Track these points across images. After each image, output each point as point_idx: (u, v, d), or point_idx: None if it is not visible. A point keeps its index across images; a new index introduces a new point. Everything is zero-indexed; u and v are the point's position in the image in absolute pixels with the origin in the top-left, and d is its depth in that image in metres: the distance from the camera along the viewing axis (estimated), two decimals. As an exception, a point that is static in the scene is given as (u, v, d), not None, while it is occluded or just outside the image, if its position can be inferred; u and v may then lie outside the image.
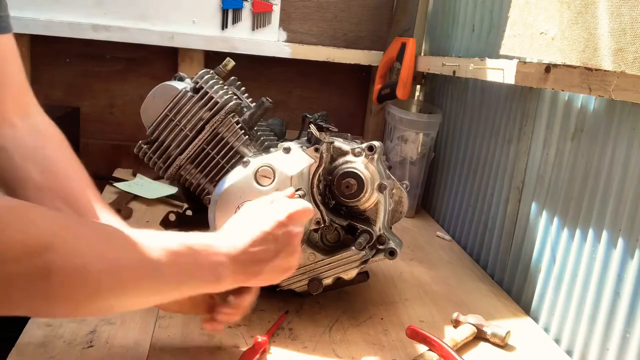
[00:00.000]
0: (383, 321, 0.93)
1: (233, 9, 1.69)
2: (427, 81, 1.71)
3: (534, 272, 1.04)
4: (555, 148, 1.01)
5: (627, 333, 0.79)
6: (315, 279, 0.88)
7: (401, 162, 1.49)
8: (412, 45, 1.56)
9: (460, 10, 1.45)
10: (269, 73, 1.80)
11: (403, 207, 0.99)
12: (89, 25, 1.58)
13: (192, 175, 0.93)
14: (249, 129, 0.94)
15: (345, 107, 1.88)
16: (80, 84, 1.70)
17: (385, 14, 1.79)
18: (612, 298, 0.82)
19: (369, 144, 0.88)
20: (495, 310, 1.01)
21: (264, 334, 0.82)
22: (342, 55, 1.75)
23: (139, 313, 0.86)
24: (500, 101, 1.22)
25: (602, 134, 0.88)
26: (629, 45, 0.74)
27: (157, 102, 0.93)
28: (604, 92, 0.78)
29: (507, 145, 1.18)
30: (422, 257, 1.24)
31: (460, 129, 1.43)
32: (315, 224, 0.87)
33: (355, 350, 0.83)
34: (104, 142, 1.74)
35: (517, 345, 0.90)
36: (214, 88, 0.93)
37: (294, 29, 1.76)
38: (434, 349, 0.81)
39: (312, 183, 0.86)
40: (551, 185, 1.01)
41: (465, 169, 1.38)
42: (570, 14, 0.87)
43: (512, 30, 1.05)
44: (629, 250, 0.80)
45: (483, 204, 1.27)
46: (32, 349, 0.74)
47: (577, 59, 0.85)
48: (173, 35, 1.64)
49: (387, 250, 0.89)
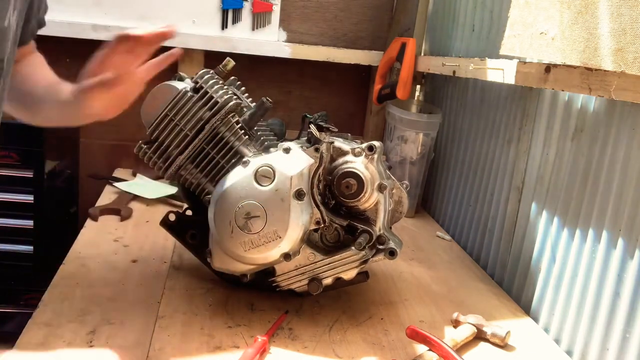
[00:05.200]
0: (383, 321, 0.93)
1: (233, 9, 1.69)
2: (427, 81, 1.71)
3: (534, 272, 1.04)
4: (555, 148, 1.01)
5: (627, 333, 0.79)
6: (315, 279, 0.88)
7: (401, 162, 1.49)
8: (412, 45, 1.56)
9: (460, 10, 1.45)
10: (269, 73, 1.80)
11: (403, 207, 0.99)
12: (89, 25, 1.58)
13: (192, 175, 0.93)
14: (249, 129, 0.94)
15: (345, 107, 1.88)
16: (80, 84, 1.70)
17: (385, 14, 1.79)
18: (612, 298, 0.82)
19: (369, 144, 0.88)
20: (495, 310, 1.01)
21: (264, 334, 0.82)
22: (342, 55, 1.75)
23: (138, 313, 0.86)
24: (500, 101, 1.22)
25: (602, 134, 0.88)
26: (629, 45, 0.74)
27: (157, 102, 0.93)
28: (604, 92, 0.78)
29: (507, 145, 1.18)
30: (422, 257, 1.24)
31: (460, 129, 1.43)
32: (315, 224, 0.87)
33: (355, 350, 0.83)
34: (104, 142, 1.74)
35: (517, 345, 0.90)
36: (214, 88, 0.93)
37: (294, 29, 1.76)
38: (434, 349, 0.81)
39: (312, 183, 0.86)
40: (551, 185, 1.01)
41: (465, 169, 1.38)
42: (570, 14, 0.87)
43: (512, 30, 1.06)
44: (629, 250, 0.80)
45: (483, 204, 1.27)
46: (32, 349, 0.74)
47: (577, 59, 0.85)
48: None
49: (387, 250, 0.89)
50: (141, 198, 1.41)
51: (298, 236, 0.85)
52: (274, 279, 0.89)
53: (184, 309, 0.89)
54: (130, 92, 0.81)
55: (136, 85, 0.80)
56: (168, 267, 1.04)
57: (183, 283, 0.98)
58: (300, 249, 0.87)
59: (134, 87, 0.80)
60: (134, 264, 1.03)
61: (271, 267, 0.88)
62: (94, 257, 1.04)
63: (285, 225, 0.84)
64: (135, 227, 1.22)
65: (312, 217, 0.86)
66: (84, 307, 0.86)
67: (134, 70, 0.79)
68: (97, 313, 0.85)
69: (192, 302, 0.92)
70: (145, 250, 1.10)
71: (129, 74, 0.78)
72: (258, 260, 0.86)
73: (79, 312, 0.85)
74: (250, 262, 0.87)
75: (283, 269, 0.88)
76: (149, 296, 0.92)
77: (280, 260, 0.86)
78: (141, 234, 1.18)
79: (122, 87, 0.78)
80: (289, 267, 0.88)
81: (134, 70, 0.79)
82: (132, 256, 1.06)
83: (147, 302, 0.90)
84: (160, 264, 1.04)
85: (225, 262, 0.88)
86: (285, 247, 0.85)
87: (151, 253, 1.09)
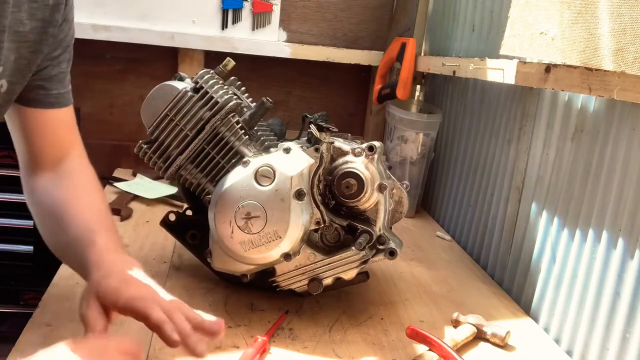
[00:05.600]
0: (383, 321, 0.93)
1: (233, 9, 1.69)
2: (427, 81, 1.71)
3: (534, 272, 1.04)
4: (555, 148, 1.01)
5: (627, 333, 0.79)
6: (315, 279, 0.88)
7: (401, 162, 1.49)
8: (412, 45, 1.56)
9: (460, 10, 1.45)
10: (269, 73, 1.80)
11: (403, 207, 0.99)
12: (89, 25, 1.58)
13: (192, 175, 0.93)
14: (249, 129, 0.94)
15: (345, 107, 1.88)
16: (80, 84, 1.68)
17: (385, 14, 1.79)
18: (612, 298, 0.82)
19: (369, 144, 0.88)
20: (495, 310, 1.01)
21: (264, 334, 0.82)
22: (342, 55, 1.74)
23: (139, 313, 0.86)
24: (500, 101, 1.22)
25: (602, 134, 0.88)
26: (629, 45, 0.74)
27: (157, 102, 0.93)
28: (604, 92, 0.78)
29: (507, 145, 1.18)
30: (422, 257, 1.24)
31: (460, 129, 1.43)
32: (316, 224, 0.87)
33: (355, 350, 0.83)
34: (104, 142, 1.74)
35: (517, 345, 0.90)
36: (214, 88, 0.93)
37: (294, 29, 1.75)
38: (434, 349, 0.81)
39: (312, 183, 0.86)
40: (551, 185, 1.01)
41: (465, 169, 1.38)
42: (570, 14, 0.87)
43: (512, 30, 1.05)
44: (629, 250, 0.80)
45: (483, 204, 1.27)
46: (32, 349, 0.74)
47: (577, 59, 0.85)
48: (173, 35, 1.64)
49: (387, 250, 0.89)
50: (141, 198, 1.41)
51: (298, 236, 0.85)
52: (274, 279, 0.89)
53: (184, 309, 0.89)
54: None
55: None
56: (168, 267, 1.03)
57: (183, 283, 0.98)
58: (300, 249, 0.87)
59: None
60: (134, 264, 1.03)
61: (271, 267, 0.88)
62: (94, 257, 1.04)
63: (286, 226, 0.84)
64: (135, 227, 1.22)
65: (312, 217, 0.86)
66: (84, 307, 0.86)
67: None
68: (97, 313, 0.85)
69: (192, 302, 0.91)
70: (145, 250, 1.10)
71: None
72: (258, 260, 0.86)
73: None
74: (251, 262, 0.87)
75: (283, 269, 0.88)
76: (149, 296, 0.92)
77: (280, 260, 0.86)
78: (141, 234, 1.18)
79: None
80: (289, 267, 0.88)
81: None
82: (132, 256, 1.06)
83: (147, 302, 0.90)
84: (160, 264, 1.04)
85: (225, 262, 0.88)
86: (286, 247, 0.85)
87: (151, 253, 1.09)
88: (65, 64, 0.81)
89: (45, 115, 0.80)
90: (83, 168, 0.84)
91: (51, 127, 0.81)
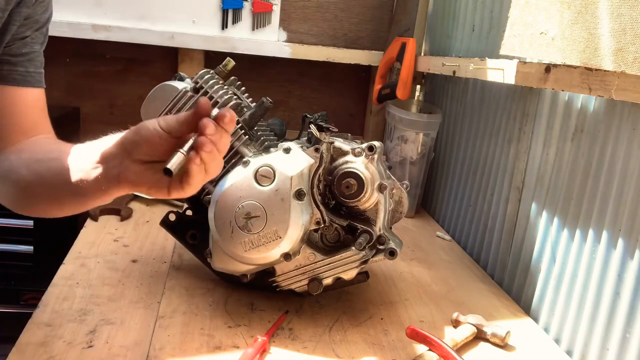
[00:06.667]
0: (383, 321, 0.93)
1: (233, 9, 1.69)
2: (427, 81, 1.71)
3: (534, 272, 1.04)
4: (555, 148, 1.01)
5: (627, 333, 0.79)
6: (315, 279, 0.88)
7: (401, 162, 1.49)
8: (412, 45, 1.56)
9: (460, 10, 1.45)
10: (269, 73, 1.80)
11: (403, 207, 0.99)
12: (89, 25, 1.58)
13: (192, 175, 0.93)
14: (249, 129, 0.94)
15: (345, 107, 1.88)
16: (80, 84, 1.70)
17: (385, 14, 1.79)
18: (612, 298, 0.82)
19: (369, 144, 0.88)
20: (495, 310, 1.01)
21: (264, 334, 0.82)
22: (342, 55, 1.75)
23: (139, 313, 0.86)
24: (500, 101, 1.22)
25: (602, 134, 0.88)
26: (629, 45, 0.74)
27: (157, 102, 0.93)
28: (604, 92, 0.78)
29: (507, 145, 1.18)
30: (422, 257, 1.24)
31: (460, 129, 1.43)
32: (316, 224, 0.87)
33: (355, 350, 0.83)
34: (104, 142, 1.74)
35: (517, 345, 0.90)
36: (214, 88, 0.93)
37: (294, 29, 1.76)
38: (434, 349, 0.81)
39: (312, 183, 0.86)
40: (551, 185, 1.01)
41: (465, 169, 1.38)
42: (570, 14, 0.87)
43: (512, 30, 1.06)
44: (629, 250, 0.80)
45: (483, 204, 1.27)
46: (32, 349, 0.74)
47: (577, 59, 0.85)
48: (173, 35, 1.64)
49: (387, 250, 0.89)
50: (141, 198, 1.41)
51: (298, 236, 0.85)
52: (274, 279, 0.89)
53: (184, 309, 0.89)
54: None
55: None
56: (168, 267, 1.03)
57: (183, 283, 0.98)
58: (300, 249, 0.87)
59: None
60: (134, 264, 1.03)
61: (271, 267, 0.88)
62: (94, 257, 1.04)
63: (286, 226, 0.84)
64: (135, 227, 1.22)
65: (312, 217, 0.86)
66: (84, 307, 0.86)
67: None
68: (97, 313, 0.85)
69: (192, 302, 0.92)
70: (145, 250, 1.10)
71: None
72: (258, 261, 0.86)
73: (79, 312, 0.85)
74: (250, 262, 0.87)
75: (283, 269, 0.88)
76: (149, 296, 0.92)
77: (280, 260, 0.86)
78: (141, 234, 1.18)
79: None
80: (289, 267, 0.88)
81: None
82: (132, 256, 1.06)
83: (147, 302, 0.90)
84: (160, 264, 1.04)
85: (225, 262, 0.88)
86: (286, 247, 0.85)
87: (151, 253, 1.09)
88: (39, 46, 0.78)
89: (8, 92, 0.75)
90: (50, 138, 0.80)
91: (16, 106, 0.76)
